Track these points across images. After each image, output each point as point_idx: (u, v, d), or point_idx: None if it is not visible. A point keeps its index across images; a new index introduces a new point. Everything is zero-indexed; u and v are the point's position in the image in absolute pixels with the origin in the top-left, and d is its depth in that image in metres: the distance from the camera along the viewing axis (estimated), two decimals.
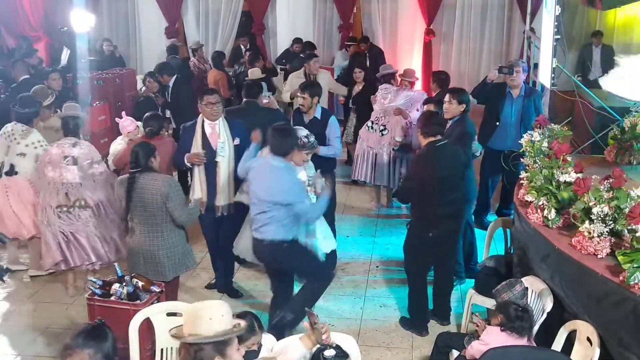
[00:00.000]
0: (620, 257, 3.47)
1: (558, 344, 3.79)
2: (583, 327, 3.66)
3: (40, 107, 6.12)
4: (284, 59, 11.09)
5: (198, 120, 5.35)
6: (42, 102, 6.33)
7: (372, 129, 7.32)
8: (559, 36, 5.84)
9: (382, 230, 7.10)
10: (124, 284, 4.25)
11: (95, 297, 4.27)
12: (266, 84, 8.11)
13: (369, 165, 7.32)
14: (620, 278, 3.39)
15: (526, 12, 8.70)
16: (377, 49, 11.26)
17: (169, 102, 7.82)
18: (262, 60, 9.81)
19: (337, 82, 9.05)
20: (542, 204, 4.25)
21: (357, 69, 8.44)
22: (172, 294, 4.87)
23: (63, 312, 5.46)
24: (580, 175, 4.21)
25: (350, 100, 8.44)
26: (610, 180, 3.98)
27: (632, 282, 3.31)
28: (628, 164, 5.26)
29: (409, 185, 5.14)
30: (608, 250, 3.68)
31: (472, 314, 4.63)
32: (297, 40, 10.93)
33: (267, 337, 3.59)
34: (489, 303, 4.53)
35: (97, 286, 4.30)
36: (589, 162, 5.26)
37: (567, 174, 4.21)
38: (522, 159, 5.06)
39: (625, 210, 3.64)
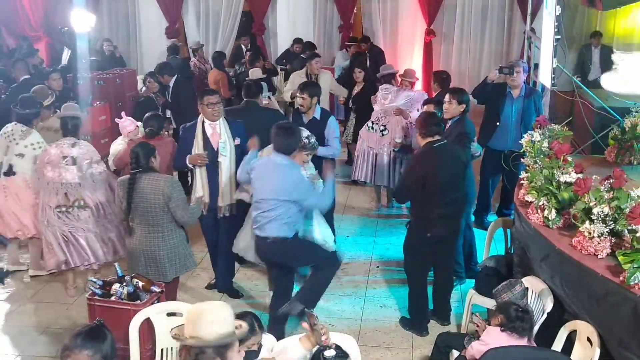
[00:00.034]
0: (620, 258, 3.47)
1: (558, 344, 3.79)
2: (583, 327, 3.66)
3: (41, 108, 6.13)
4: (284, 59, 11.09)
5: (198, 121, 5.32)
6: (43, 103, 6.33)
7: (372, 129, 7.32)
8: (559, 36, 5.84)
9: (382, 231, 7.10)
10: (124, 284, 4.24)
11: (96, 297, 4.26)
12: (266, 84, 8.10)
13: (369, 166, 7.32)
14: (621, 278, 3.39)
15: (526, 13, 8.70)
16: (377, 49, 11.26)
17: (170, 102, 7.82)
18: (262, 60, 9.81)
19: (337, 81, 9.06)
20: (543, 204, 4.25)
21: (357, 68, 8.44)
22: (171, 294, 4.87)
23: (63, 312, 5.46)
24: (581, 175, 4.21)
25: (350, 100, 8.45)
26: (611, 181, 3.98)
27: (632, 283, 3.31)
28: (628, 164, 5.25)
29: (405, 185, 5.14)
30: (608, 251, 3.69)
31: (472, 314, 4.63)
32: (297, 41, 10.93)
33: (267, 337, 3.59)
34: (489, 303, 4.53)
35: (98, 286, 4.30)
36: (590, 163, 5.26)
37: (568, 174, 4.21)
38: (522, 159, 5.06)
39: (625, 211, 3.64)
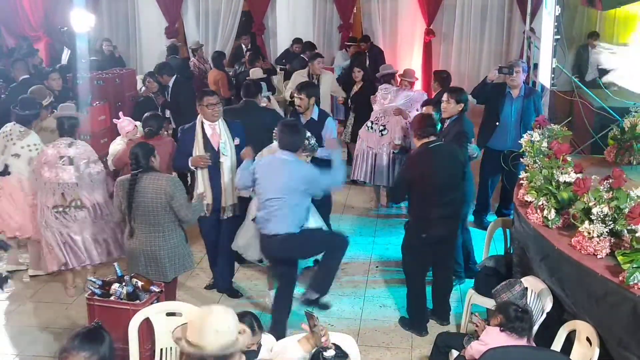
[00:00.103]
0: (619, 258, 3.47)
1: (557, 344, 3.79)
2: (582, 327, 3.66)
3: (40, 109, 6.12)
4: (284, 59, 11.09)
5: (197, 122, 5.30)
6: (42, 104, 6.32)
7: (371, 129, 7.31)
8: (558, 36, 5.83)
9: (382, 230, 7.10)
10: (123, 283, 4.24)
11: (95, 297, 4.26)
12: (266, 83, 8.10)
13: (369, 166, 7.32)
14: (620, 278, 3.40)
15: (526, 13, 8.69)
16: (377, 48, 11.26)
17: (169, 102, 7.81)
18: (262, 60, 9.81)
19: (337, 81, 9.06)
20: (542, 204, 4.25)
21: (357, 68, 8.45)
22: (170, 294, 4.86)
23: (63, 312, 5.46)
24: (580, 175, 4.21)
25: (349, 100, 8.45)
26: (610, 181, 3.98)
27: (631, 282, 3.32)
28: (628, 164, 5.25)
29: (401, 186, 5.14)
30: (608, 251, 3.69)
31: (471, 314, 4.64)
32: (297, 41, 10.93)
33: (266, 337, 3.59)
34: (488, 303, 4.53)
35: (97, 286, 4.30)
36: (589, 163, 5.26)
37: (567, 174, 4.21)
38: (521, 159, 5.06)
39: (624, 211, 3.65)
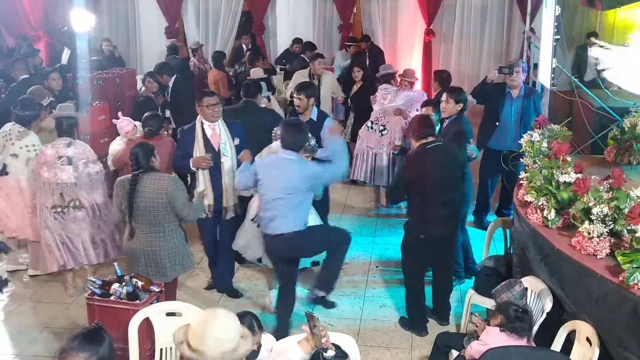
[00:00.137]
0: (619, 258, 3.47)
1: (557, 344, 3.79)
2: (582, 328, 3.66)
3: (40, 110, 6.11)
4: (284, 59, 11.09)
5: (197, 123, 5.29)
6: (43, 105, 6.32)
7: (371, 129, 7.32)
8: (558, 36, 5.83)
9: (382, 231, 7.10)
10: (123, 283, 4.24)
11: (95, 297, 4.26)
12: (266, 83, 8.10)
13: (369, 166, 7.33)
14: (620, 278, 3.40)
15: (526, 13, 8.69)
16: (377, 48, 11.25)
17: (169, 102, 7.81)
18: (262, 60, 9.81)
19: (337, 81, 9.06)
20: (542, 204, 4.25)
21: (356, 68, 8.45)
22: (170, 294, 4.86)
23: (63, 311, 5.46)
24: (580, 175, 4.21)
25: (349, 99, 8.45)
26: (610, 181, 3.98)
27: (631, 283, 3.32)
28: (628, 164, 5.25)
29: (398, 186, 5.13)
30: (607, 251, 3.69)
31: (471, 314, 4.63)
32: (297, 40, 10.92)
33: (266, 337, 3.59)
34: (488, 303, 4.53)
35: (97, 286, 4.29)
36: (589, 163, 5.25)
37: (567, 174, 4.21)
38: (521, 159, 5.06)
39: (624, 211, 3.65)
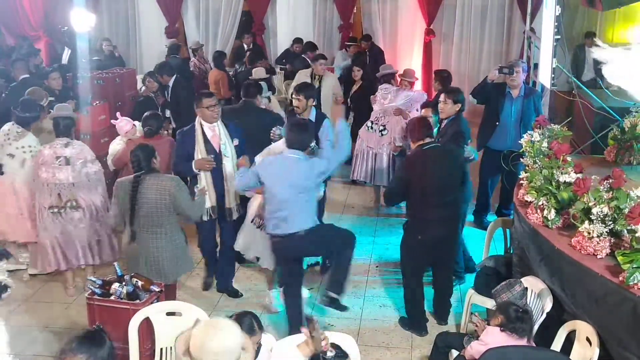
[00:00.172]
0: (619, 258, 3.47)
1: (557, 344, 3.79)
2: (582, 327, 3.66)
3: (40, 111, 6.09)
4: (284, 59, 11.09)
5: (196, 125, 5.27)
6: (43, 106, 6.32)
7: (371, 129, 7.31)
8: (559, 36, 5.83)
9: (382, 230, 7.10)
10: (123, 283, 4.24)
11: (95, 297, 4.26)
12: (266, 83, 8.10)
13: (369, 166, 7.32)
14: (620, 278, 3.40)
15: (526, 12, 8.70)
16: (377, 48, 11.26)
17: (169, 102, 7.81)
18: (263, 60, 9.80)
19: (338, 81, 9.04)
20: (542, 204, 4.25)
21: (356, 67, 8.45)
22: (171, 294, 4.86)
23: (63, 311, 5.46)
24: (580, 175, 4.21)
25: (349, 99, 8.45)
26: (610, 181, 3.98)
27: (631, 283, 3.32)
28: (628, 164, 5.25)
29: (395, 187, 5.12)
30: (607, 251, 3.69)
31: (471, 314, 4.63)
32: (297, 40, 10.92)
33: (266, 337, 3.59)
34: (488, 303, 4.53)
35: (97, 286, 4.29)
36: (589, 163, 5.26)
37: (567, 174, 4.21)
38: (521, 159, 5.06)
39: (624, 211, 3.65)
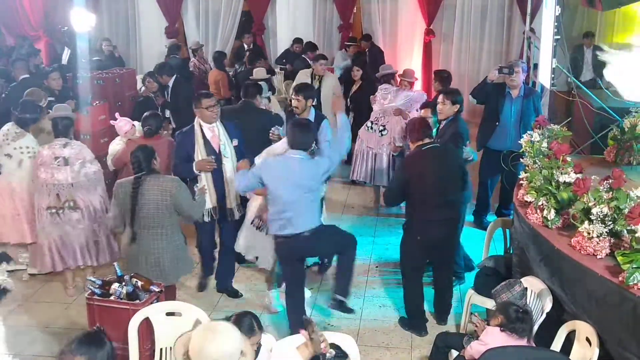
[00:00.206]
0: (619, 258, 3.47)
1: (557, 344, 3.79)
2: (582, 328, 3.66)
3: (40, 113, 6.07)
4: (284, 59, 11.09)
5: (195, 126, 5.27)
6: (43, 107, 6.31)
7: (371, 129, 7.32)
8: (558, 36, 5.83)
9: (382, 231, 7.10)
10: (123, 283, 4.23)
11: (95, 297, 4.25)
12: (266, 84, 8.09)
13: (369, 166, 7.33)
14: (620, 278, 3.40)
15: (526, 13, 8.69)
16: (377, 48, 11.26)
17: (169, 102, 7.81)
18: (263, 60, 9.80)
19: (338, 81, 9.05)
20: (542, 204, 4.25)
21: (356, 67, 8.45)
22: (170, 294, 4.86)
23: (62, 311, 5.46)
24: (580, 175, 4.21)
25: (348, 99, 8.45)
26: (610, 181, 3.98)
27: (631, 283, 3.32)
28: (628, 164, 5.25)
29: (396, 188, 5.13)
30: (607, 251, 3.69)
31: (471, 314, 4.63)
32: (297, 40, 10.92)
33: (266, 338, 3.59)
34: (488, 303, 4.53)
35: (97, 286, 4.29)
36: (589, 163, 5.26)
37: (567, 175, 4.21)
38: (521, 159, 5.06)
39: (624, 211, 3.65)
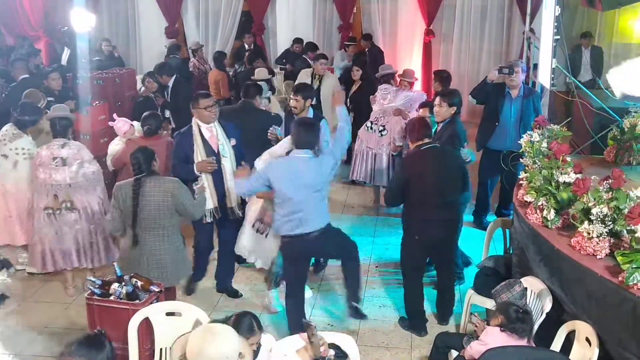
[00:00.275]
0: (619, 258, 3.47)
1: (557, 344, 3.79)
2: (582, 328, 3.66)
3: (40, 116, 6.05)
4: (284, 59, 11.09)
5: (193, 127, 5.26)
6: (42, 109, 6.31)
7: (371, 129, 7.32)
8: (558, 37, 5.83)
9: (381, 231, 7.10)
10: (123, 283, 4.23)
11: (95, 297, 4.24)
12: (267, 84, 8.10)
13: (369, 166, 7.33)
14: (619, 278, 3.40)
15: (526, 13, 8.69)
16: (376, 48, 11.27)
17: (169, 102, 7.82)
18: (262, 61, 9.80)
19: (339, 81, 9.06)
20: (542, 204, 4.25)
21: (355, 67, 8.45)
22: (171, 294, 4.85)
23: (62, 311, 5.46)
24: (580, 175, 4.21)
25: (348, 99, 8.45)
26: (610, 181, 3.98)
27: (631, 283, 3.32)
28: (627, 164, 5.25)
29: (395, 188, 5.13)
30: (607, 251, 3.69)
31: (471, 314, 4.63)
32: (297, 40, 10.93)
33: (266, 338, 3.59)
34: (488, 303, 4.53)
35: (97, 286, 4.28)
36: (589, 163, 5.26)
37: (567, 175, 4.21)
38: (521, 159, 5.06)
39: (624, 211, 3.65)
